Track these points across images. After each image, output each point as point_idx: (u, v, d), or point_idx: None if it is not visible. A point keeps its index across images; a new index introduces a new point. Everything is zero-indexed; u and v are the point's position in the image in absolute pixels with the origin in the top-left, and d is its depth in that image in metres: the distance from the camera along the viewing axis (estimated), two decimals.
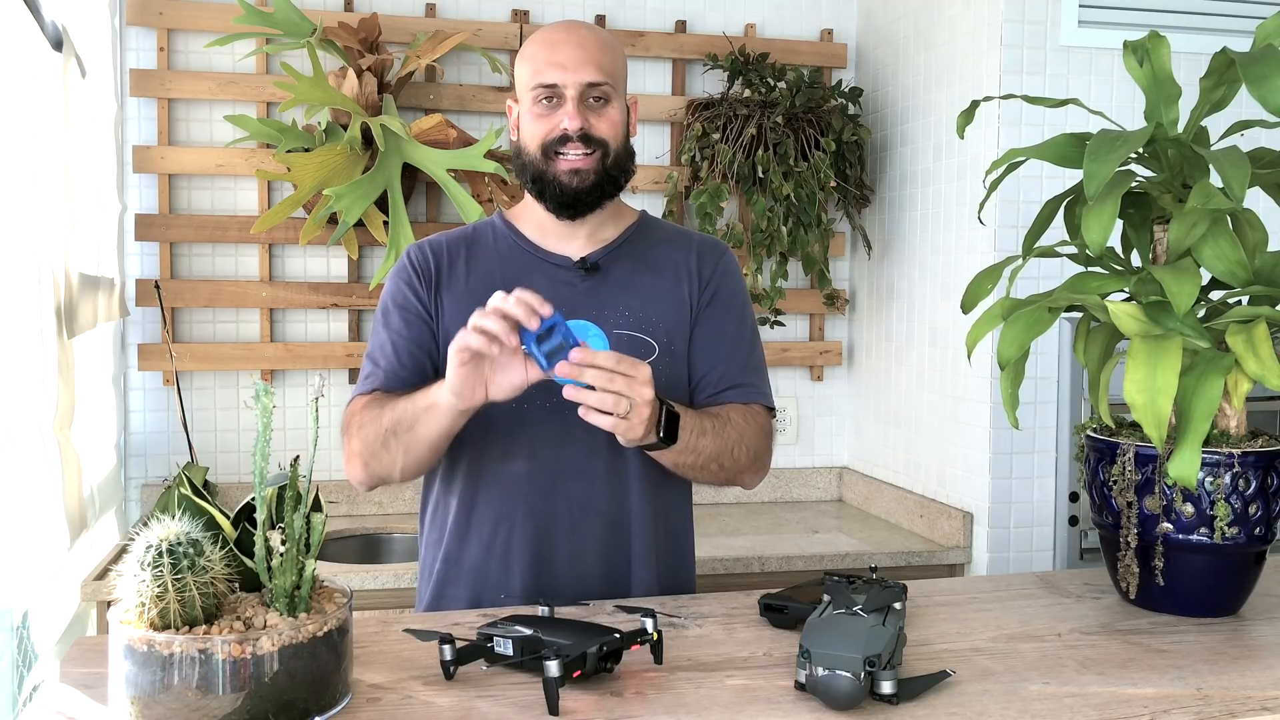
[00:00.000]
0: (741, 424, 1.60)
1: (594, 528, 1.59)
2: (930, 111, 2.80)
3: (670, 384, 1.63)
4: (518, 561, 1.58)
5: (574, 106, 1.56)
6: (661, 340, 1.63)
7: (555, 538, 1.58)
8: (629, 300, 1.63)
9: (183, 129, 2.84)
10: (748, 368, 1.68)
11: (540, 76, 1.57)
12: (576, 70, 1.56)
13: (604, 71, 1.57)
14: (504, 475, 1.59)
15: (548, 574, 1.58)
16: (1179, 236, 1.37)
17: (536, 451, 1.58)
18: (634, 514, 1.61)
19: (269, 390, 1.07)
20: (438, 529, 1.66)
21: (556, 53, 1.57)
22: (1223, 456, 1.38)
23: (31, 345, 1.87)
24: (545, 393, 1.56)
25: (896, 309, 2.98)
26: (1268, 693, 1.20)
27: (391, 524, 2.86)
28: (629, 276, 1.65)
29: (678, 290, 1.67)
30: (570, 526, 1.59)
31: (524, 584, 1.58)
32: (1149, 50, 1.47)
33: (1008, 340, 1.41)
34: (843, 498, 3.24)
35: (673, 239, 1.73)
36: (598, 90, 1.58)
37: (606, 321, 1.60)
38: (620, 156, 1.62)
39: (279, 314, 2.90)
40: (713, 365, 1.66)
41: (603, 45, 1.60)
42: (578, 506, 1.59)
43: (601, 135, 1.58)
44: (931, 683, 1.17)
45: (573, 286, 1.62)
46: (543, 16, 3.01)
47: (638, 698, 1.15)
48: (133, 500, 2.82)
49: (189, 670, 1.00)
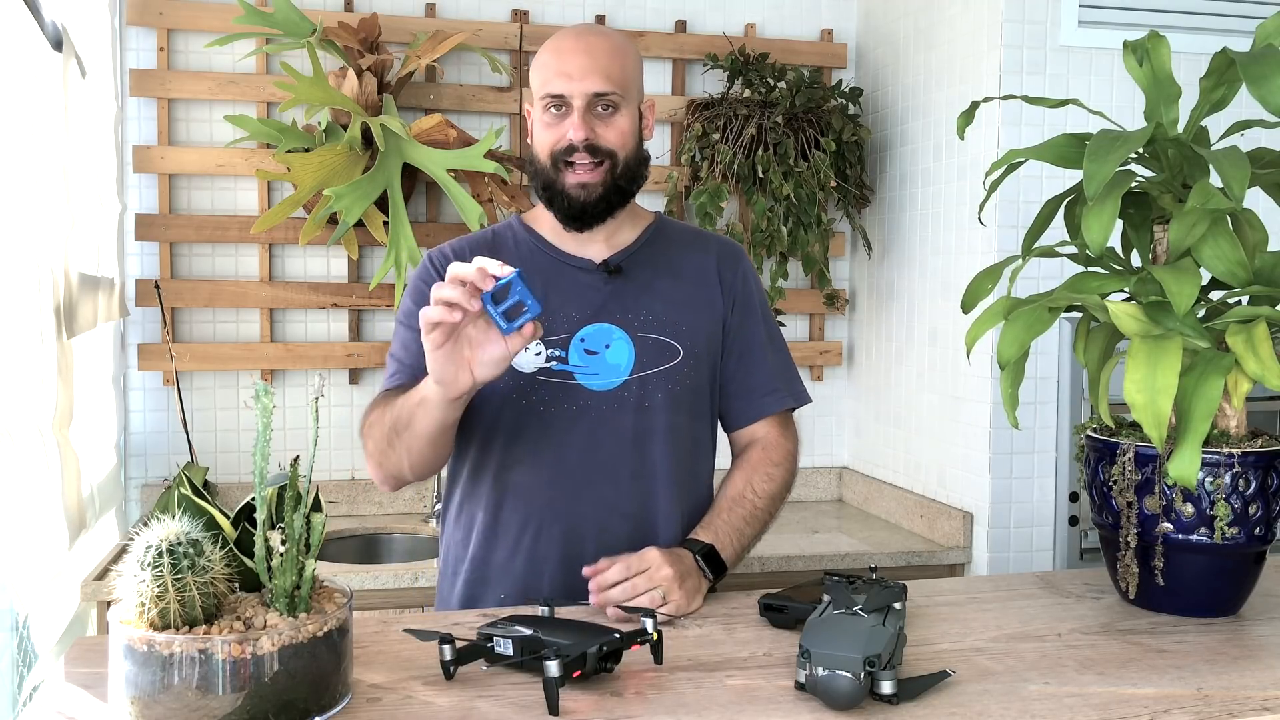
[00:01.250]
0: (765, 486, 1.65)
1: (621, 528, 1.59)
2: (930, 111, 2.80)
3: (695, 388, 1.65)
4: (547, 563, 1.59)
5: (579, 117, 1.56)
6: (685, 344, 1.64)
7: (584, 539, 1.59)
8: (651, 304, 1.64)
9: (183, 129, 2.84)
10: (780, 370, 1.72)
11: (548, 86, 1.57)
12: (583, 80, 1.55)
13: (611, 80, 1.56)
14: (531, 478, 1.59)
15: (577, 574, 1.55)
16: (1179, 236, 1.37)
17: (562, 455, 1.58)
18: (660, 514, 1.62)
19: (269, 390, 1.07)
20: (463, 529, 1.66)
21: (565, 62, 1.56)
22: (1223, 456, 1.38)
23: (31, 345, 1.87)
24: (570, 396, 1.58)
25: (896, 309, 2.98)
26: (1268, 693, 1.20)
27: (391, 524, 2.86)
28: (651, 280, 1.66)
29: (702, 295, 1.68)
30: (598, 528, 1.59)
31: (553, 585, 1.58)
32: (1149, 50, 1.47)
33: (1008, 340, 1.41)
34: (843, 498, 3.24)
35: (691, 242, 1.73)
36: (605, 100, 1.57)
37: (631, 325, 1.61)
38: (630, 165, 1.61)
39: (279, 314, 2.90)
40: (748, 373, 1.69)
41: (613, 52, 1.58)
42: (605, 508, 1.59)
43: (609, 145, 1.58)
44: (931, 683, 1.17)
45: (597, 290, 1.63)
46: (543, 16, 3.01)
47: (638, 698, 1.15)
48: (133, 500, 2.82)
49: (189, 670, 1.00)
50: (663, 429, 1.61)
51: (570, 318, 1.60)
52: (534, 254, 1.66)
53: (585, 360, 1.59)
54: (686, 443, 1.65)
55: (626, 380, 1.60)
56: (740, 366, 1.70)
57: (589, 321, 1.60)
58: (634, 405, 1.60)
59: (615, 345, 1.60)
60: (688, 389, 1.63)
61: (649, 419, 1.60)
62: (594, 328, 1.60)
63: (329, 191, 2.59)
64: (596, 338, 1.60)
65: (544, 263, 1.64)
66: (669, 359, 1.62)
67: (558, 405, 1.58)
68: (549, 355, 1.58)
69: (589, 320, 1.60)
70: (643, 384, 1.60)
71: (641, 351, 1.61)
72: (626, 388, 1.60)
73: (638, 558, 1.45)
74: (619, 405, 1.59)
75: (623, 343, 1.61)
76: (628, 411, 1.59)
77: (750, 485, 1.65)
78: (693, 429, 1.66)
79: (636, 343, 1.61)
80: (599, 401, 1.59)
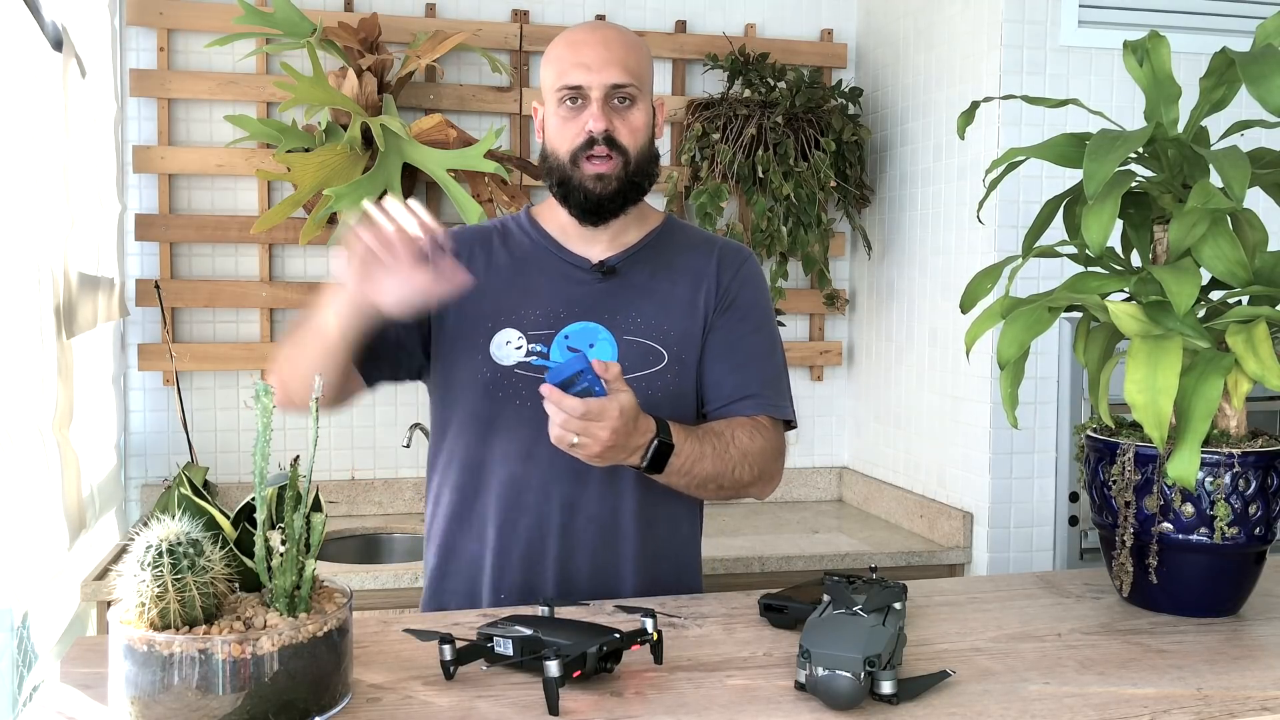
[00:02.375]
0: (746, 443, 1.57)
1: (584, 530, 1.58)
2: (930, 111, 2.80)
3: (677, 394, 1.61)
4: (509, 556, 1.59)
5: (599, 108, 1.54)
6: (672, 349, 1.61)
7: (546, 538, 1.58)
8: (643, 306, 1.61)
9: (183, 129, 2.84)
10: (764, 379, 1.63)
11: (565, 78, 1.55)
12: (601, 71, 1.54)
13: (629, 72, 1.55)
14: (501, 473, 1.59)
15: (537, 572, 1.58)
16: (1179, 236, 1.37)
17: (532, 451, 1.57)
18: (626, 519, 1.60)
19: (269, 390, 1.07)
20: (439, 521, 1.66)
21: (581, 53, 1.55)
22: (1223, 456, 1.38)
23: (31, 345, 1.87)
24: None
25: (896, 309, 2.98)
26: (1268, 693, 1.20)
27: (391, 524, 2.86)
28: (646, 282, 1.63)
29: (693, 297, 1.64)
30: (561, 528, 1.58)
31: (514, 582, 1.58)
32: (1149, 50, 1.47)
33: (1007, 340, 1.41)
34: (843, 498, 3.24)
35: (696, 245, 1.70)
36: (623, 91, 1.55)
37: (618, 327, 1.60)
38: (643, 161, 1.59)
39: (279, 314, 2.90)
40: (726, 374, 1.62)
41: (628, 46, 1.57)
42: (569, 509, 1.58)
43: (625, 140, 1.56)
44: (931, 683, 1.17)
45: (586, 288, 1.61)
46: (543, 16, 3.01)
47: (638, 698, 1.15)
48: (133, 500, 2.82)
49: (189, 670, 1.00)
50: None
51: (557, 314, 1.59)
52: (532, 248, 1.65)
53: (566, 357, 1.57)
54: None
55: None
56: (718, 366, 1.62)
57: (576, 319, 1.59)
58: None
59: (600, 345, 1.58)
60: (668, 395, 1.59)
61: None
62: (580, 326, 1.59)
63: (329, 191, 2.59)
64: (581, 336, 1.58)
65: (538, 257, 1.64)
66: (653, 364, 1.60)
67: (534, 401, 1.52)
68: (529, 350, 1.57)
69: (576, 318, 1.59)
70: None
71: (625, 354, 1.58)
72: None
73: (599, 406, 1.35)
74: None
75: (607, 344, 1.59)
76: None
77: (732, 431, 1.57)
78: None
79: (621, 345, 1.59)
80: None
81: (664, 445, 1.45)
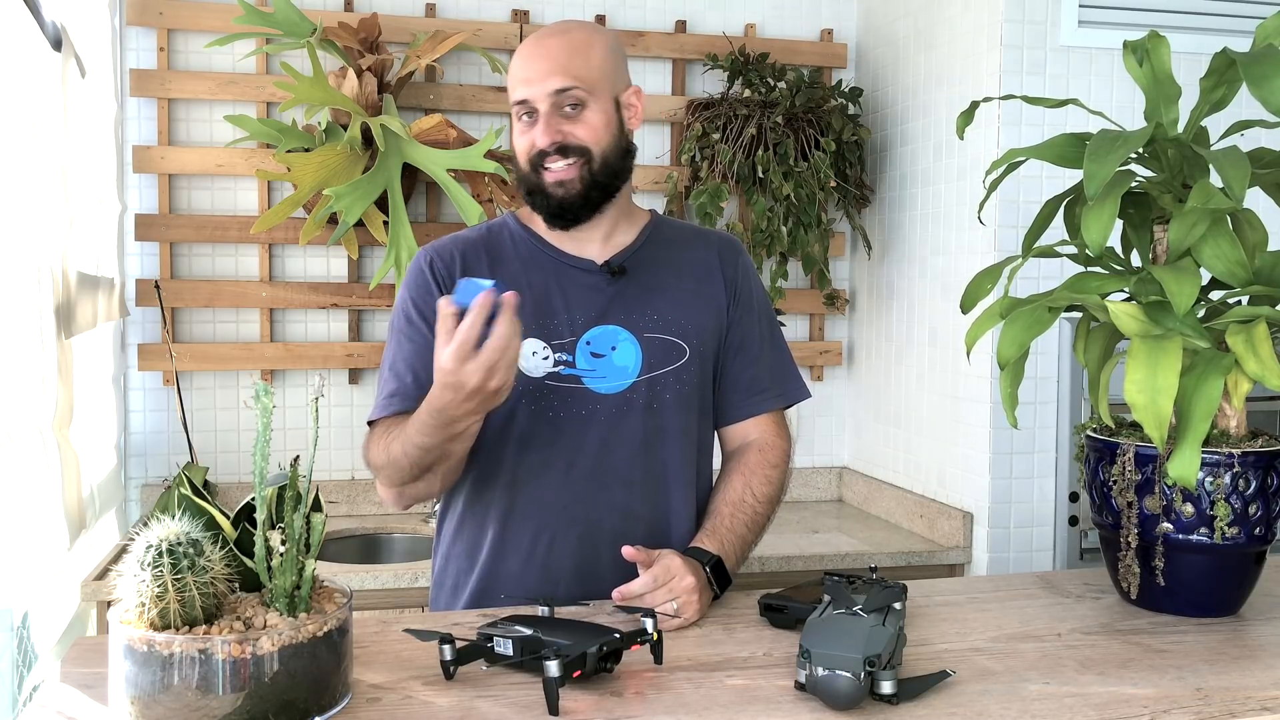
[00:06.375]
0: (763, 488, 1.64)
1: (636, 532, 1.57)
2: (930, 111, 2.80)
3: (702, 385, 1.65)
4: (563, 572, 1.57)
5: (544, 122, 1.53)
6: (691, 342, 1.63)
7: (599, 545, 1.57)
8: (657, 304, 1.62)
9: (183, 129, 2.84)
10: (775, 367, 1.71)
11: (514, 93, 1.57)
12: (543, 81, 1.53)
13: (571, 75, 1.53)
14: (543, 486, 1.58)
15: (593, 580, 1.55)
16: (1179, 236, 1.37)
17: (574, 460, 1.57)
18: (673, 515, 1.62)
19: (269, 390, 1.07)
20: (467, 542, 1.62)
21: (526, 67, 1.55)
22: (1223, 456, 1.38)
23: (31, 345, 1.87)
24: (579, 401, 1.56)
25: (896, 309, 2.98)
26: (1268, 693, 1.20)
27: (391, 524, 2.86)
28: (655, 279, 1.64)
29: (706, 291, 1.67)
30: (614, 533, 1.56)
31: (569, 593, 1.55)
32: (1149, 50, 1.47)
33: (1007, 340, 1.41)
34: (843, 498, 3.24)
35: (691, 239, 1.72)
36: (569, 96, 1.53)
37: (637, 326, 1.60)
38: (609, 158, 1.57)
39: (279, 314, 2.90)
40: (744, 369, 1.68)
41: (572, 48, 1.55)
42: (619, 513, 1.58)
43: (580, 142, 1.54)
44: (931, 683, 1.17)
45: (601, 291, 1.61)
46: (543, 16, 3.01)
47: (638, 698, 1.15)
48: (133, 500, 2.82)
49: (189, 670, 1.00)
50: (673, 430, 1.61)
51: (575, 320, 1.58)
52: (534, 254, 1.64)
53: (592, 363, 1.57)
54: (695, 442, 1.65)
55: (635, 382, 1.59)
56: (736, 362, 1.68)
57: (594, 324, 1.59)
58: (643, 407, 1.59)
59: (621, 347, 1.59)
60: (694, 388, 1.63)
61: (658, 420, 1.60)
62: (599, 330, 1.59)
63: (329, 191, 2.59)
64: (602, 340, 1.59)
65: (545, 263, 1.63)
66: (676, 359, 1.61)
67: (567, 410, 1.56)
68: (556, 359, 1.57)
69: (594, 323, 1.59)
70: (651, 385, 1.59)
71: (648, 353, 1.60)
72: (635, 390, 1.59)
73: (662, 568, 1.43)
74: (628, 408, 1.58)
75: (629, 344, 1.60)
76: (637, 414, 1.58)
77: (750, 489, 1.63)
78: (700, 428, 1.66)
79: (643, 344, 1.60)
80: (608, 405, 1.57)
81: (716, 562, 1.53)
